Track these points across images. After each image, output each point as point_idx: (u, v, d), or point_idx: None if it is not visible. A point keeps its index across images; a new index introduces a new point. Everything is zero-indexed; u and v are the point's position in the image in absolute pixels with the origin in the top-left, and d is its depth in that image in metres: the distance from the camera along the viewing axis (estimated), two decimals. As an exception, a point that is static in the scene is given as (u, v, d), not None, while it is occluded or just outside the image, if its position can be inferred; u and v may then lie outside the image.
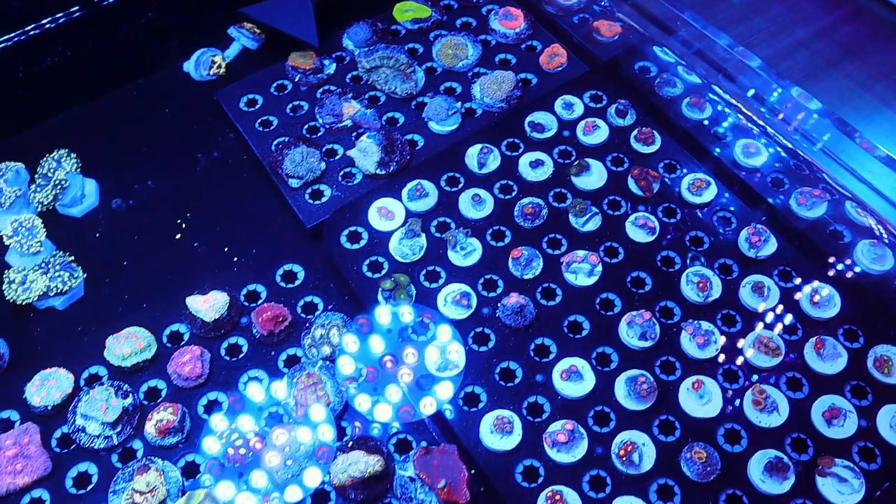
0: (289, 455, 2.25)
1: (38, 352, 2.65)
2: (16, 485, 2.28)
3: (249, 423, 2.32)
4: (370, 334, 2.46)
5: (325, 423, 2.32)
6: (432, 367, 2.41)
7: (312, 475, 2.24)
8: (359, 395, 2.38)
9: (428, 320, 2.48)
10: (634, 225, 2.74)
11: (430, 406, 2.37)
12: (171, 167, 3.06)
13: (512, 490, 2.28)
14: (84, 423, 2.35)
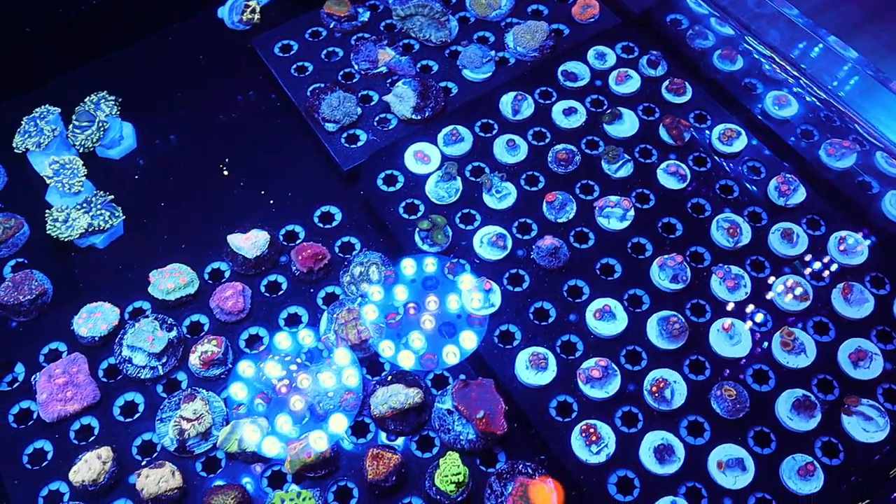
0: (329, 389, 2.31)
1: (80, 289, 2.71)
2: (66, 411, 2.35)
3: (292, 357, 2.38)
4: (396, 283, 2.49)
5: (350, 367, 2.35)
6: (469, 304, 2.46)
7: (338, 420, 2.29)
8: (384, 340, 2.41)
9: (451, 269, 2.52)
10: (666, 172, 2.78)
11: (454, 356, 2.40)
12: (207, 112, 3.10)
13: (546, 423, 2.35)
14: (130, 354, 2.42)
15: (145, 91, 3.15)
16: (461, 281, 2.48)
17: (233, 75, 3.17)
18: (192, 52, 3.26)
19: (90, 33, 3.22)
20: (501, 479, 2.25)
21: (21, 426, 2.37)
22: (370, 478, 2.22)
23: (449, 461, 2.22)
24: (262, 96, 3.12)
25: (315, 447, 2.21)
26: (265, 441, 2.25)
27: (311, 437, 2.24)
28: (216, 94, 3.13)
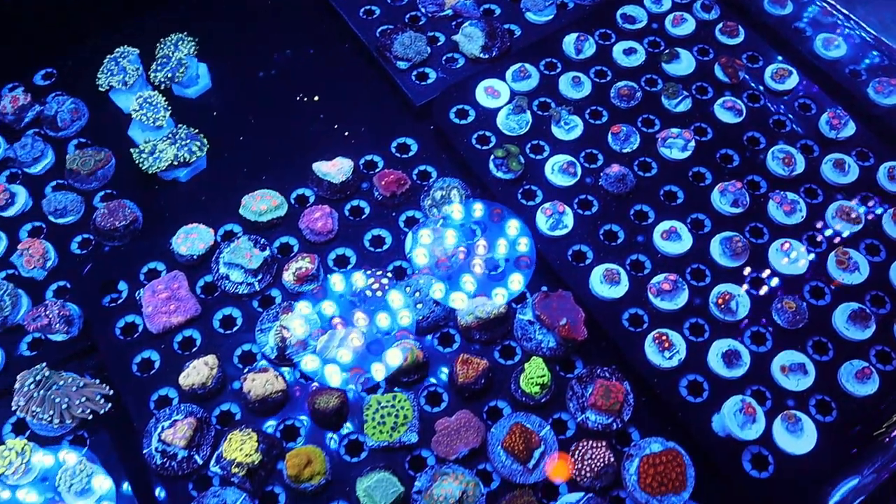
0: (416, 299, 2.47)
1: (167, 218, 2.85)
2: (171, 322, 2.50)
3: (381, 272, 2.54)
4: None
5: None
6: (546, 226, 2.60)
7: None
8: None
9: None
10: (723, 107, 2.93)
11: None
12: (279, 53, 3.22)
13: (621, 333, 2.51)
14: (227, 271, 2.57)
15: (219, 33, 3.27)
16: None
17: (303, 18, 3.29)
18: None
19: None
20: (581, 382, 2.42)
21: (128, 338, 2.52)
22: (460, 381, 2.38)
23: (534, 365, 2.38)
24: (331, 38, 3.25)
25: (410, 353, 2.36)
26: (361, 349, 2.40)
27: (403, 344, 2.40)
28: (288, 36, 3.26)
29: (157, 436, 2.31)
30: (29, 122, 3.04)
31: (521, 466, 2.29)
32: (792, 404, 2.40)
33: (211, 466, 2.30)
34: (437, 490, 2.21)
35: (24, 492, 2.35)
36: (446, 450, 2.32)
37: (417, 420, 2.35)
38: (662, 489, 2.25)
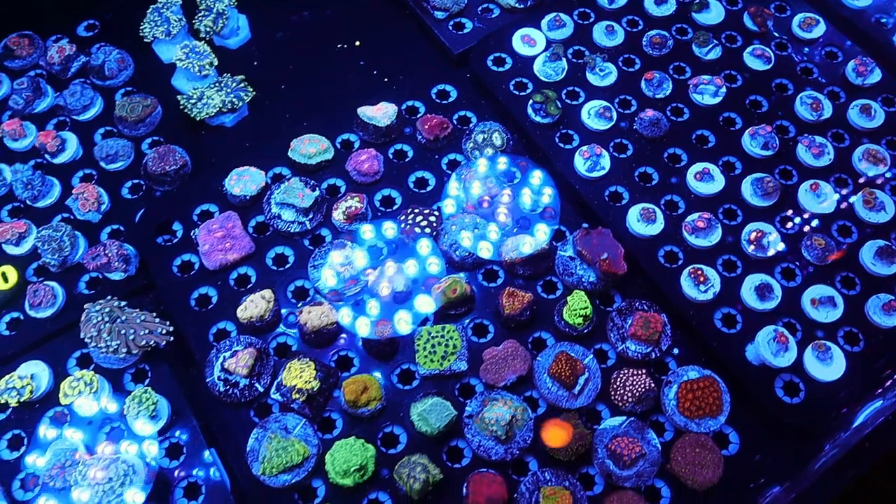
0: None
1: (213, 163, 2.94)
2: (227, 259, 2.61)
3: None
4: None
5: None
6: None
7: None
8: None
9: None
10: (752, 55, 3.02)
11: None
12: (316, 5, 3.29)
13: (657, 269, 2.62)
14: (279, 211, 2.67)
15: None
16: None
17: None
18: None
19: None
20: (621, 314, 2.54)
21: (185, 275, 2.63)
22: (506, 313, 2.50)
23: (576, 297, 2.50)
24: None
25: (458, 286, 2.47)
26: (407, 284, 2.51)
27: (453, 277, 2.50)
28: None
29: (220, 365, 2.42)
30: (75, 72, 3.11)
31: (567, 392, 2.41)
32: (821, 335, 2.51)
33: (271, 394, 2.42)
34: (488, 413, 2.33)
35: (93, 421, 2.47)
36: (495, 377, 2.44)
37: (466, 350, 2.46)
38: (700, 413, 2.37)
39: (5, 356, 2.59)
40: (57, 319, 2.64)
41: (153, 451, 2.38)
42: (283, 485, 2.29)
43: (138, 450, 2.37)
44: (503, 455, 2.32)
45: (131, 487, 2.28)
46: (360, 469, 2.27)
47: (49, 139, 2.88)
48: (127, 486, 2.27)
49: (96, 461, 2.28)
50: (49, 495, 2.31)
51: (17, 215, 2.84)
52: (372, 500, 2.32)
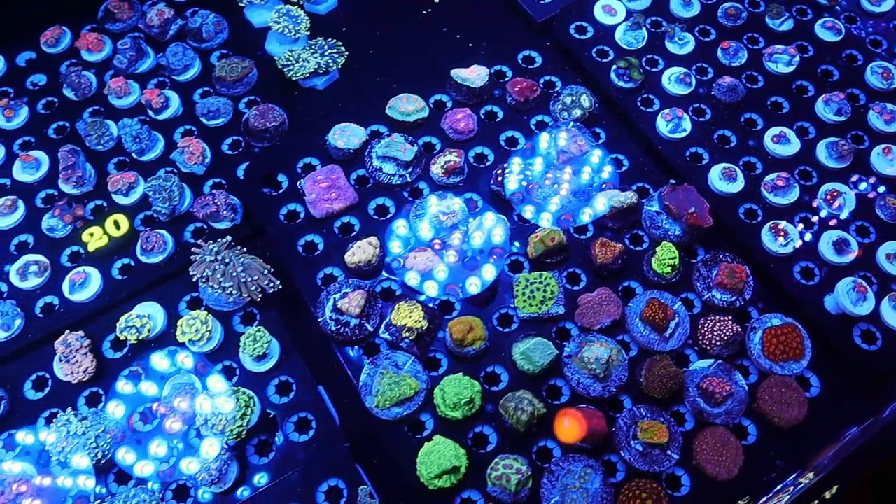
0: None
1: (307, 122, 3.07)
2: (333, 208, 2.75)
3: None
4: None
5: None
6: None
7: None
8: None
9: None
10: (823, 27, 3.17)
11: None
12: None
13: (737, 224, 2.77)
14: (381, 164, 2.81)
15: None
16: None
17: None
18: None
19: None
20: (706, 265, 2.68)
21: (292, 223, 2.77)
22: (599, 262, 2.64)
23: (665, 248, 2.64)
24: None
25: (556, 234, 2.62)
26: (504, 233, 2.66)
27: (552, 227, 2.65)
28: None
29: (332, 306, 2.56)
30: (173, 35, 3.25)
31: (658, 336, 2.55)
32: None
33: (380, 333, 2.56)
34: (586, 353, 2.47)
35: (207, 358, 2.61)
36: (590, 321, 2.58)
37: (563, 295, 2.61)
38: (784, 356, 2.52)
39: (119, 298, 2.73)
40: (167, 265, 2.77)
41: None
42: (395, 417, 2.44)
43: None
44: (601, 392, 2.47)
45: (251, 418, 2.42)
46: (469, 402, 2.41)
47: (154, 96, 3.02)
48: (249, 416, 2.42)
49: (220, 393, 2.42)
50: (171, 424, 2.45)
51: (122, 169, 2.98)
52: (477, 434, 2.46)
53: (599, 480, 2.34)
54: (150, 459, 2.42)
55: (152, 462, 2.42)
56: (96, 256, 2.78)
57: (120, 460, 2.41)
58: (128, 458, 2.42)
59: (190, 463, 2.40)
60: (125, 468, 2.42)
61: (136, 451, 2.44)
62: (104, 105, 3.12)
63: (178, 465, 2.42)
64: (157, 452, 2.42)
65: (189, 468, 2.39)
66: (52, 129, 3.09)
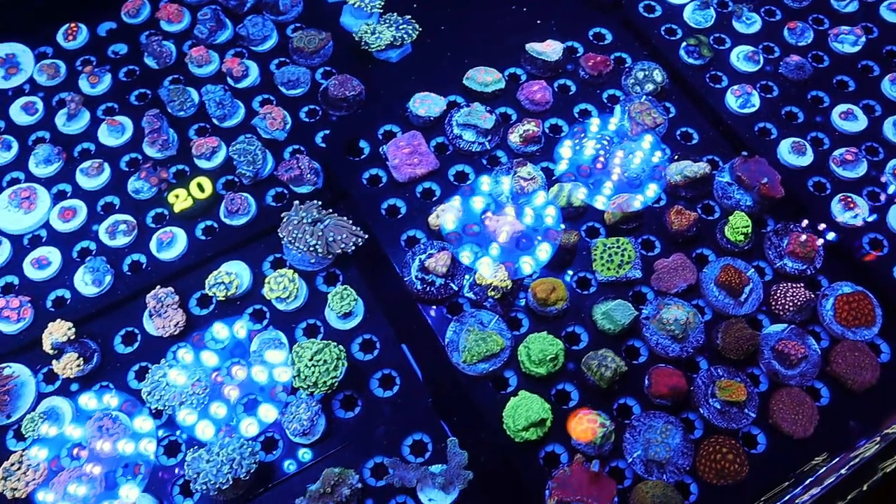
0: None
1: (382, 94, 3.16)
2: (415, 173, 2.83)
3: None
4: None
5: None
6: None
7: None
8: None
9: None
10: (889, 9, 3.25)
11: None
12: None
13: (806, 198, 2.85)
14: (461, 132, 2.89)
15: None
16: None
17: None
18: None
19: None
20: (778, 234, 2.76)
21: (374, 187, 2.86)
22: (674, 229, 2.72)
23: (738, 217, 2.72)
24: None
25: (632, 203, 2.70)
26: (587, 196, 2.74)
27: (627, 195, 2.73)
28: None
29: (418, 265, 2.64)
30: (250, 7, 3.33)
31: (733, 301, 2.63)
32: (963, 260, 2.74)
33: (465, 292, 2.64)
34: (665, 314, 2.55)
35: (294, 315, 2.69)
36: (667, 285, 2.66)
37: (640, 260, 2.69)
38: (856, 322, 2.60)
39: (205, 257, 2.81)
40: (251, 226, 2.85)
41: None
42: (480, 373, 2.52)
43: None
44: (679, 353, 2.55)
45: (341, 371, 2.50)
46: (553, 359, 2.49)
47: (235, 65, 3.11)
48: (340, 369, 2.50)
49: (313, 344, 2.50)
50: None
51: (202, 135, 3.06)
52: (559, 390, 2.54)
53: (680, 436, 2.42)
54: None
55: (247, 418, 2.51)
56: (181, 217, 2.86)
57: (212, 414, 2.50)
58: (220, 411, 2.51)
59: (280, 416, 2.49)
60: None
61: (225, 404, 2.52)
62: (184, 74, 3.20)
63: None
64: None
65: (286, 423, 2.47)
66: (134, 96, 3.18)
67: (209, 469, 2.35)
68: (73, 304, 2.74)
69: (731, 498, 2.37)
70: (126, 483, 2.43)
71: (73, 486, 2.39)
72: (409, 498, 2.43)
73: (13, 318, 2.68)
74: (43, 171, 2.98)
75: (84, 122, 3.09)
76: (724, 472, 2.37)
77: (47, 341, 2.58)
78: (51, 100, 3.17)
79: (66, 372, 2.57)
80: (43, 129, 3.10)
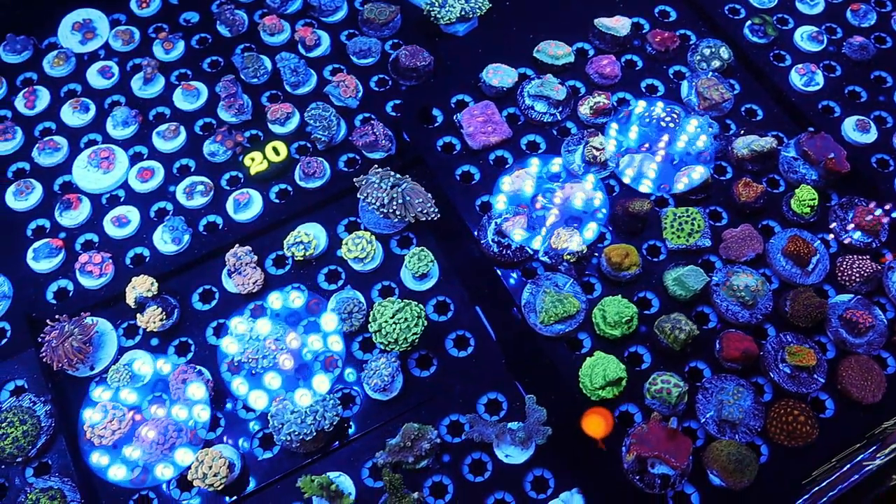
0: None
1: (449, 66, 3.22)
2: (489, 141, 2.89)
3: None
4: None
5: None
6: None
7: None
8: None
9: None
10: (946, -7, 3.31)
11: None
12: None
13: (871, 174, 2.91)
14: (532, 103, 2.96)
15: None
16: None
17: None
18: None
19: None
20: (843, 208, 2.83)
21: (448, 154, 2.92)
22: (742, 200, 2.79)
23: (804, 190, 2.79)
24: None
25: (701, 173, 2.77)
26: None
27: (696, 166, 2.79)
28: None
29: (494, 229, 2.70)
30: (320, -22, 3.39)
31: (800, 270, 2.70)
32: None
33: (540, 255, 2.70)
34: (735, 281, 2.62)
35: (370, 275, 2.76)
36: (736, 253, 2.73)
37: (709, 229, 2.75)
38: (921, 294, 2.66)
39: (280, 219, 2.88)
40: (325, 190, 2.92)
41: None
42: (556, 334, 2.58)
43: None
44: (748, 319, 2.61)
45: (420, 329, 2.56)
46: (629, 321, 2.55)
47: (308, 34, 3.17)
48: (420, 326, 2.56)
49: (393, 302, 2.56)
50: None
51: (274, 101, 3.12)
52: (632, 353, 2.60)
53: (751, 398, 2.48)
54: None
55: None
56: (256, 180, 2.93)
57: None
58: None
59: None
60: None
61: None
62: (255, 42, 3.27)
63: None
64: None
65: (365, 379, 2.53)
66: (206, 63, 3.24)
67: (293, 420, 2.41)
68: (151, 262, 2.80)
69: (800, 459, 2.43)
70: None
71: (145, 429, 2.44)
72: (484, 454, 2.49)
73: (95, 273, 2.74)
74: (120, 133, 3.05)
75: (159, 86, 3.15)
76: (796, 433, 2.43)
77: (131, 295, 2.65)
78: (125, 65, 3.23)
79: (150, 325, 2.63)
80: (119, 93, 3.16)
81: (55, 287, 2.78)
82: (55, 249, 2.80)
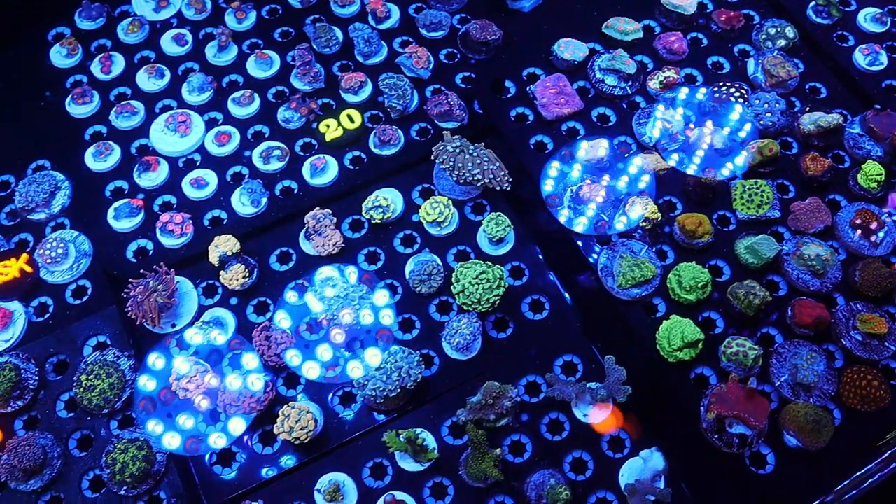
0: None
1: (515, 41, 3.28)
2: (562, 112, 2.96)
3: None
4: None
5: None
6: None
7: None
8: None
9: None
10: None
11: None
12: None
13: (934, 151, 2.98)
14: (603, 76, 3.02)
15: None
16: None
17: None
18: None
19: None
20: (908, 184, 2.90)
21: (521, 124, 2.98)
22: (810, 174, 2.85)
23: (871, 165, 2.85)
24: None
25: (774, 146, 2.83)
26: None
27: (769, 139, 2.86)
28: None
29: (570, 196, 2.76)
30: (387, -47, 3.45)
31: (867, 242, 2.76)
32: None
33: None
34: (806, 250, 2.68)
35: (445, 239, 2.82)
36: (805, 224, 2.79)
37: (777, 201, 2.82)
38: None
39: (354, 185, 2.93)
40: (398, 158, 2.97)
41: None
42: (633, 298, 2.64)
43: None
44: (819, 287, 2.68)
45: (502, 290, 2.61)
46: (704, 286, 2.62)
47: (379, 5, 3.23)
48: (501, 288, 2.61)
49: (476, 264, 2.61)
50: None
51: (345, 71, 3.18)
52: (706, 318, 2.66)
53: (823, 364, 2.55)
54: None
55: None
56: (330, 147, 2.98)
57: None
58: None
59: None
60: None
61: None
62: (324, 13, 3.32)
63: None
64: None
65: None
66: (278, 33, 3.29)
67: (379, 376, 2.46)
68: (229, 223, 2.86)
69: (873, 424, 2.49)
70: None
71: (231, 378, 2.49)
72: (561, 414, 2.55)
73: (176, 233, 2.79)
74: (196, 99, 3.10)
75: (232, 54, 3.20)
76: (869, 398, 2.49)
77: (214, 254, 2.70)
78: (198, 33, 3.28)
79: (233, 283, 2.69)
80: (193, 60, 3.22)
81: (135, 246, 2.83)
82: (135, 209, 2.84)
